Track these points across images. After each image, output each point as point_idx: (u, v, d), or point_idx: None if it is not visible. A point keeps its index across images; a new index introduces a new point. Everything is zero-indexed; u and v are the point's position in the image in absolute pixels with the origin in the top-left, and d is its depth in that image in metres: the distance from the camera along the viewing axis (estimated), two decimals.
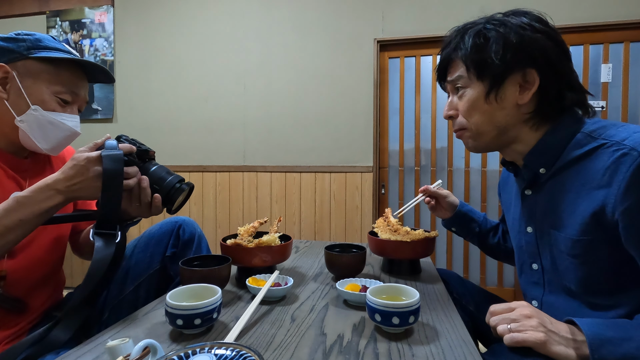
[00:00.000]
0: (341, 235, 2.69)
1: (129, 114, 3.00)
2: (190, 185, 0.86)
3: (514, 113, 0.74)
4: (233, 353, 0.52)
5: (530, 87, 0.72)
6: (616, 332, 0.57)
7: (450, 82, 0.80)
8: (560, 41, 0.74)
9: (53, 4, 3.09)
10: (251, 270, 0.96)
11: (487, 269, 2.61)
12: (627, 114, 2.37)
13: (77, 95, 0.88)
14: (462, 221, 1.10)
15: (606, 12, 2.33)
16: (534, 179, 0.78)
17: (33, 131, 0.83)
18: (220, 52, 2.85)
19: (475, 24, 0.77)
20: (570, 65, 0.74)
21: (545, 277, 0.78)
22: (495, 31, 0.73)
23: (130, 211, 0.81)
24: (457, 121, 0.80)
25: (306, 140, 2.74)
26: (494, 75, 0.73)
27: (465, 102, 0.77)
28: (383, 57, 2.69)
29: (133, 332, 0.69)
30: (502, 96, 0.74)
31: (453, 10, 2.52)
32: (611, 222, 0.63)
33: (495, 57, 0.71)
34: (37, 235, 0.85)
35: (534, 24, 0.72)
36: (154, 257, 0.99)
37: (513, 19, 0.74)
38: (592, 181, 0.66)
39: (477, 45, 0.74)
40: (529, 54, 0.71)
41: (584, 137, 0.70)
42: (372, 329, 0.70)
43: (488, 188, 2.58)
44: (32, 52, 0.81)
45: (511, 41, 0.71)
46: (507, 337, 0.61)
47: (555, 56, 0.72)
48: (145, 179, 0.79)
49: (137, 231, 2.68)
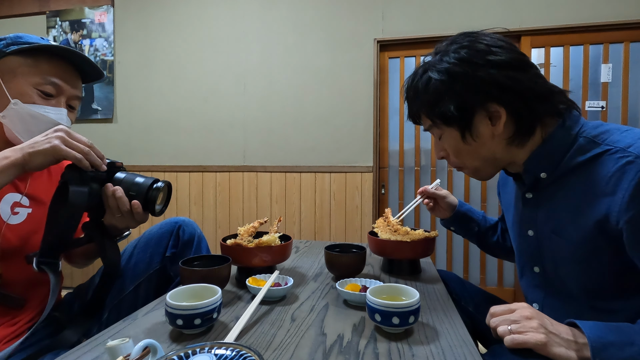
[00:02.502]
0: (341, 235, 2.69)
1: (129, 114, 3.00)
2: (167, 182, 0.84)
3: (496, 143, 0.75)
4: (233, 353, 0.52)
5: (499, 118, 0.71)
6: (618, 336, 0.57)
7: (426, 130, 0.82)
8: (511, 59, 0.70)
9: (53, 4, 3.09)
10: (251, 270, 0.96)
11: (487, 269, 2.61)
12: (627, 114, 2.37)
13: (59, 87, 0.86)
14: (461, 221, 1.10)
15: (606, 12, 2.33)
16: (535, 183, 0.77)
17: (15, 125, 0.82)
18: (220, 52, 2.85)
19: (421, 74, 0.76)
20: (529, 76, 0.71)
21: (547, 281, 0.78)
22: (441, 82, 0.72)
23: (117, 224, 0.81)
24: (451, 161, 0.82)
25: (306, 140, 2.74)
26: (458, 122, 0.73)
27: (448, 147, 0.80)
28: (383, 57, 2.69)
29: (133, 332, 0.69)
30: (476, 134, 0.74)
31: (453, 10, 2.52)
32: (615, 230, 0.63)
33: (451, 109, 0.72)
34: (30, 239, 0.85)
35: (473, 59, 0.70)
36: (153, 258, 0.99)
37: (452, 58, 0.72)
38: (596, 188, 0.66)
39: (431, 101, 0.75)
40: (481, 93, 0.70)
41: (587, 143, 0.69)
42: (372, 329, 0.70)
43: (488, 188, 2.58)
44: (10, 48, 0.81)
45: (459, 89, 0.71)
46: (508, 339, 0.60)
47: (508, 81, 0.69)
48: (118, 189, 0.77)
49: (137, 232, 2.68)
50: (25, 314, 0.86)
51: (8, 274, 0.82)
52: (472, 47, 0.71)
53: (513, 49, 0.72)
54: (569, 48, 2.44)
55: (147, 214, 0.82)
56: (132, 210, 0.78)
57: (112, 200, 0.77)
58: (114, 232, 0.86)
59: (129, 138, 2.98)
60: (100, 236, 0.83)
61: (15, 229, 0.83)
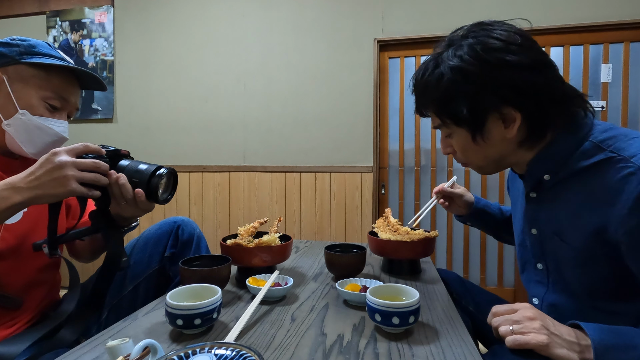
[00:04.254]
0: (341, 235, 2.69)
1: (129, 114, 3.00)
2: (170, 169, 0.82)
3: (506, 145, 0.72)
4: (233, 353, 0.52)
5: (514, 122, 0.68)
6: (622, 340, 0.56)
7: (434, 127, 0.79)
8: (530, 59, 0.66)
9: (53, 4, 3.09)
10: (251, 270, 0.96)
11: (487, 269, 2.61)
12: (627, 114, 2.37)
13: (67, 101, 0.88)
14: (478, 217, 1.09)
15: (606, 12, 2.33)
16: (539, 183, 0.76)
17: (20, 135, 0.83)
18: (220, 52, 2.85)
19: (432, 68, 0.72)
20: (548, 79, 0.67)
21: (550, 278, 0.78)
22: (454, 81, 0.67)
23: (123, 212, 0.80)
24: (457, 157, 0.80)
25: (306, 140, 2.74)
26: (470, 123, 0.70)
27: (456, 146, 0.77)
28: (383, 57, 2.68)
29: (133, 332, 0.69)
30: (488, 136, 0.71)
31: (453, 10, 2.51)
32: (614, 240, 0.63)
33: (464, 109, 0.69)
34: (27, 239, 0.85)
35: (489, 58, 0.65)
36: (152, 257, 0.99)
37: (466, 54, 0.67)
38: (597, 196, 0.65)
39: (442, 100, 0.71)
40: (496, 96, 0.66)
41: (592, 147, 0.67)
42: (372, 329, 0.70)
43: (488, 188, 2.58)
44: (25, 57, 0.82)
45: (473, 90, 0.67)
46: (509, 339, 0.60)
47: (526, 84, 0.65)
48: (122, 176, 0.76)
49: (137, 232, 2.68)
50: (24, 315, 0.86)
51: (6, 274, 0.82)
52: (488, 44, 0.66)
53: (532, 46, 0.68)
54: (569, 48, 2.44)
55: (152, 203, 0.80)
56: (136, 199, 0.77)
57: (116, 188, 0.76)
58: (121, 222, 0.85)
59: (129, 138, 2.98)
60: (106, 225, 0.83)
61: (12, 229, 0.83)
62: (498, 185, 2.56)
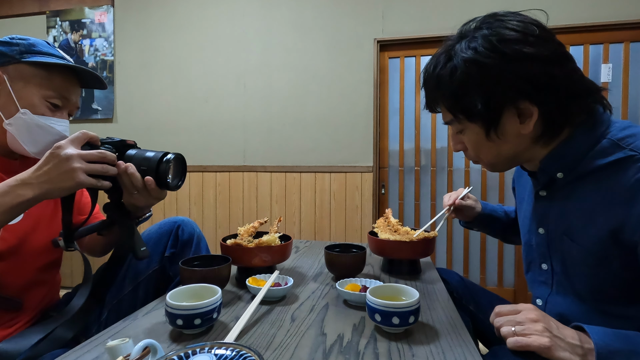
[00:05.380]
0: (341, 235, 2.69)
1: (129, 114, 3.00)
2: (178, 154, 0.81)
3: (521, 141, 0.69)
4: (233, 353, 0.52)
5: (530, 117, 0.66)
6: (625, 345, 0.55)
7: (445, 123, 0.76)
8: (549, 51, 0.64)
9: (53, 4, 3.09)
10: (251, 270, 0.96)
11: (487, 269, 2.61)
12: (627, 114, 2.37)
13: (68, 100, 0.88)
14: (485, 223, 1.08)
15: (606, 12, 2.33)
16: (550, 182, 0.73)
17: (21, 134, 0.83)
18: (220, 52, 2.85)
19: (444, 62, 0.69)
20: (567, 72, 0.65)
21: (555, 279, 0.76)
22: (468, 74, 0.64)
23: (136, 202, 0.81)
24: (469, 154, 0.77)
25: (306, 140, 2.74)
26: (484, 118, 0.68)
27: (468, 142, 0.74)
28: (383, 57, 2.69)
29: (133, 332, 0.69)
30: (502, 131, 0.68)
31: (453, 10, 2.51)
32: (629, 241, 0.61)
33: (478, 104, 0.65)
34: (28, 239, 0.85)
35: (505, 49, 0.62)
36: (152, 257, 0.99)
37: (481, 46, 0.64)
38: (614, 196, 0.62)
39: (455, 94, 0.68)
40: (513, 89, 0.64)
41: (610, 145, 0.64)
42: (372, 329, 0.70)
43: (488, 188, 2.58)
44: (25, 57, 0.82)
45: (488, 84, 0.64)
46: (511, 340, 0.59)
47: (544, 78, 0.63)
48: (130, 165, 0.77)
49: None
50: (24, 316, 0.86)
51: (6, 274, 0.81)
52: (504, 35, 0.63)
53: (550, 38, 0.65)
54: (569, 48, 2.44)
55: (163, 190, 0.81)
56: (147, 187, 0.78)
57: (126, 177, 0.77)
58: (135, 212, 0.85)
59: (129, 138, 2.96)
60: (120, 216, 0.84)
61: (13, 229, 0.83)
62: (498, 185, 2.56)
